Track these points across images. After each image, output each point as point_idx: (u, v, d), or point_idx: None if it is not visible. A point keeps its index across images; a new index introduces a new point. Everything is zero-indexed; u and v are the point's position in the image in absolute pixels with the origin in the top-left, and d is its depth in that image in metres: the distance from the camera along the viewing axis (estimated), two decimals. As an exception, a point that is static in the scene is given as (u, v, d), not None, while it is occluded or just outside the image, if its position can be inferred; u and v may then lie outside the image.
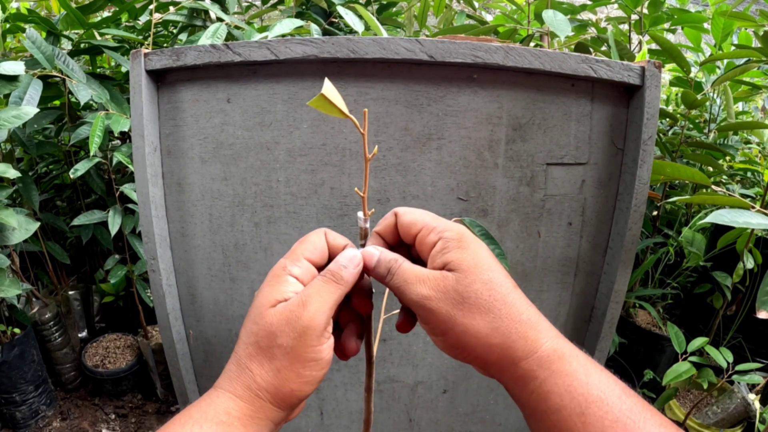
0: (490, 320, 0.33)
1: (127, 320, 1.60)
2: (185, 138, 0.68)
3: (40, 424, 1.37)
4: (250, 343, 0.34)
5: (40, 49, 1.03)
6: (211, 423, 0.32)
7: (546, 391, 0.32)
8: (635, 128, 0.66)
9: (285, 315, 0.34)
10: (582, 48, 1.22)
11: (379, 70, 0.64)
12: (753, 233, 1.04)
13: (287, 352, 0.33)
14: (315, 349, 0.34)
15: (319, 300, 0.34)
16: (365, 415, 0.48)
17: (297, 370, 0.33)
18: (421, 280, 0.34)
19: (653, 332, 1.43)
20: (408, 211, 0.38)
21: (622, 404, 0.30)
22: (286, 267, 0.36)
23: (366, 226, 0.40)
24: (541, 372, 0.32)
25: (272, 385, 0.33)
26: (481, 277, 0.33)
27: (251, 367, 0.34)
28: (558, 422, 0.31)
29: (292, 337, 0.33)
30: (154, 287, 0.70)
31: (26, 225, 1.06)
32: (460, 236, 0.35)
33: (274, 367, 0.33)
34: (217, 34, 0.97)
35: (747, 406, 1.19)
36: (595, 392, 0.31)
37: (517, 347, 0.33)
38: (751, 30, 1.20)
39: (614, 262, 0.71)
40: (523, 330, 0.33)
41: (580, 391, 0.31)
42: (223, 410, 0.33)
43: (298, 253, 0.37)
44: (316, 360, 0.34)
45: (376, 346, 0.47)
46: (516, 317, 0.33)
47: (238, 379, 0.34)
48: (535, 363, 0.32)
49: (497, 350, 0.33)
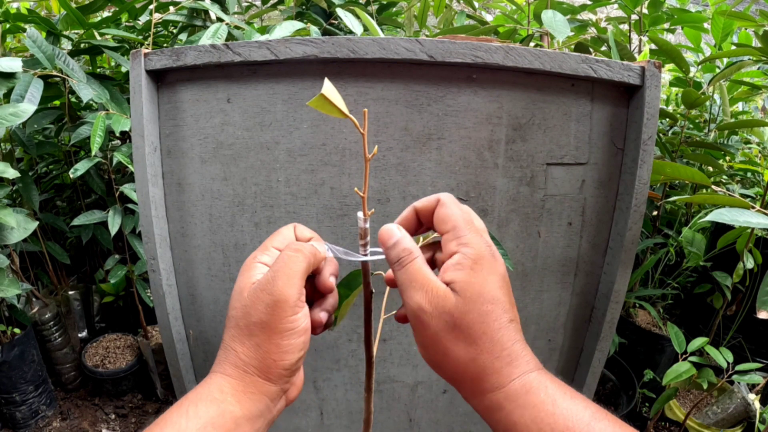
0: (472, 352, 0.33)
1: (127, 320, 1.60)
2: (185, 138, 0.68)
3: (40, 424, 1.37)
4: (231, 327, 0.37)
5: (41, 49, 1.03)
6: (206, 401, 0.34)
7: (512, 422, 0.33)
8: (635, 128, 0.66)
9: (256, 293, 0.36)
10: (582, 48, 1.22)
11: (379, 70, 0.64)
12: (753, 233, 1.04)
13: (263, 327, 0.35)
14: (289, 319, 0.35)
15: (287, 271, 0.35)
16: (365, 415, 0.48)
17: (276, 341, 0.35)
18: (423, 288, 0.34)
19: (653, 332, 1.43)
20: (448, 204, 0.38)
21: (590, 431, 0.31)
22: (256, 257, 0.38)
23: (366, 226, 0.39)
24: (507, 404, 0.33)
25: (255, 359, 0.35)
26: (479, 308, 0.33)
27: (234, 347, 0.36)
28: None
29: (266, 312, 0.35)
30: (154, 287, 0.70)
31: (25, 224, 1.06)
32: (477, 258, 0.34)
33: (254, 342, 0.35)
34: (217, 34, 0.97)
35: (747, 406, 1.19)
36: (562, 421, 0.31)
37: (490, 380, 0.33)
38: (751, 30, 1.20)
39: (614, 262, 0.71)
40: (499, 365, 0.33)
41: (547, 422, 0.31)
42: (217, 389, 0.35)
43: (267, 244, 0.39)
44: (292, 330, 0.35)
45: (376, 346, 0.47)
46: (497, 353, 0.33)
47: (225, 360, 0.36)
48: (503, 396, 0.33)
49: (469, 379, 0.34)
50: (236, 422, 0.34)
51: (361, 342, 0.75)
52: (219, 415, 0.33)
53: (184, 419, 0.33)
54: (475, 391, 0.34)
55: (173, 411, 0.34)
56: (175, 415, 0.33)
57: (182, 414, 0.33)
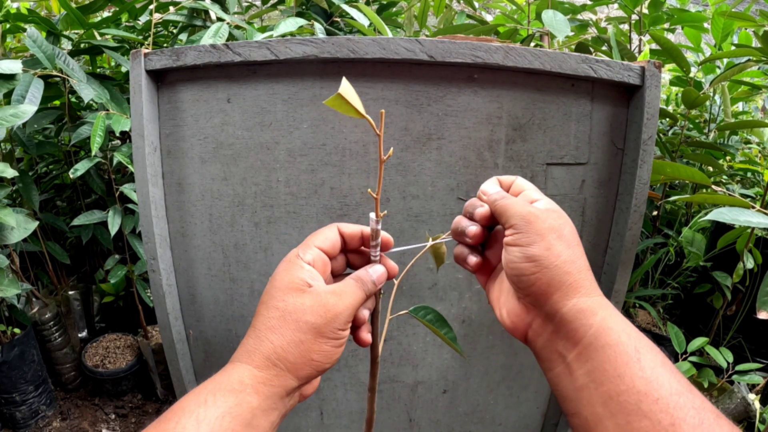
0: (572, 253, 0.38)
1: (127, 320, 1.60)
2: (185, 138, 0.68)
3: (40, 424, 1.37)
4: (273, 317, 0.37)
5: (41, 48, 1.03)
6: (225, 391, 0.34)
7: (607, 326, 0.35)
8: (635, 128, 0.66)
9: (318, 299, 0.37)
10: (582, 48, 1.22)
11: (379, 70, 0.64)
12: (753, 233, 1.04)
13: (313, 328, 0.37)
14: (338, 332, 0.38)
15: (352, 296, 0.39)
16: (368, 415, 0.48)
17: (320, 344, 0.37)
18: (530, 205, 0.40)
19: (653, 332, 1.43)
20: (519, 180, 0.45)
21: (665, 357, 0.34)
22: (298, 255, 0.40)
23: (378, 227, 0.40)
24: (601, 310, 0.36)
25: (292, 354, 0.36)
26: (570, 225, 0.40)
27: (271, 338, 0.36)
28: (615, 356, 0.33)
29: (324, 318, 0.37)
30: (154, 287, 0.70)
31: (25, 224, 1.06)
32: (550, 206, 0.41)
33: (297, 338, 0.36)
34: (218, 33, 0.97)
35: (747, 406, 1.19)
36: (646, 340, 0.35)
37: (585, 284, 0.37)
38: (751, 30, 1.20)
39: (614, 262, 0.71)
40: (590, 276, 0.38)
41: (634, 334, 0.34)
42: (237, 379, 0.35)
43: (309, 243, 0.41)
44: (336, 339, 0.38)
45: (380, 346, 0.47)
46: (586, 265, 0.39)
47: (256, 350, 0.36)
48: (596, 303, 0.36)
49: (569, 278, 0.37)
50: (253, 413, 0.34)
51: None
52: (237, 405, 0.34)
53: (202, 408, 0.33)
54: (572, 292, 0.37)
55: (190, 399, 0.34)
56: (192, 403, 0.33)
57: (200, 403, 0.33)
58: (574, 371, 0.35)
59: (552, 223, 0.38)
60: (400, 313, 0.50)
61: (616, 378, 0.32)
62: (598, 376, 0.33)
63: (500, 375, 0.80)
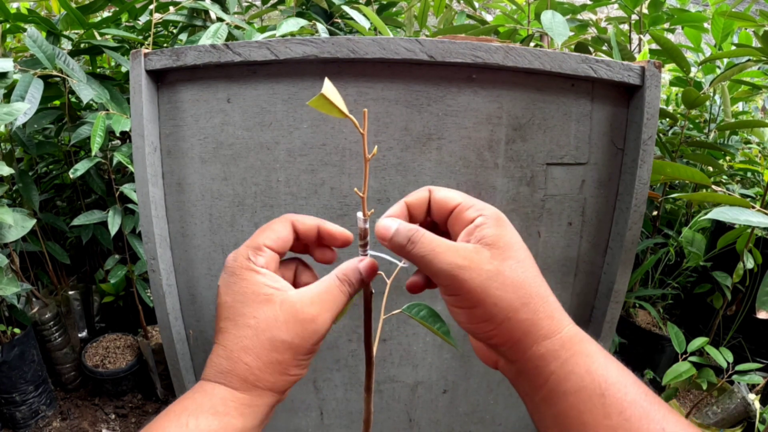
0: (522, 296, 0.33)
1: (127, 320, 1.60)
2: (185, 138, 0.68)
3: (40, 424, 1.37)
4: (245, 336, 0.34)
5: (41, 48, 1.03)
6: (207, 414, 0.32)
7: (567, 371, 0.32)
8: (635, 128, 0.66)
9: (293, 313, 0.34)
10: (582, 48, 1.22)
11: (379, 70, 0.64)
12: (753, 233, 1.04)
13: (290, 348, 0.34)
14: (317, 346, 0.35)
15: (332, 305, 0.35)
16: (365, 415, 0.48)
17: (298, 361, 0.35)
18: (452, 249, 0.33)
19: (653, 332, 1.43)
20: (442, 189, 0.38)
21: (638, 388, 0.31)
22: (249, 257, 0.36)
23: (366, 226, 0.39)
24: (563, 352, 0.32)
25: (272, 375, 0.34)
26: (516, 254, 0.34)
27: (246, 360, 0.34)
28: (577, 403, 0.31)
29: (300, 336, 0.34)
30: (154, 287, 0.70)
31: (22, 222, 1.06)
32: (498, 216, 0.35)
33: (274, 359, 0.34)
34: (217, 34, 0.97)
35: (747, 406, 1.19)
36: (615, 374, 0.31)
37: (543, 325, 0.33)
38: (751, 30, 1.20)
39: (614, 262, 0.71)
40: (550, 310, 0.33)
41: (601, 373, 0.31)
42: (220, 401, 0.33)
43: (259, 242, 0.36)
44: (317, 350, 0.36)
45: (375, 346, 0.47)
46: (544, 297, 0.33)
47: (232, 372, 0.34)
48: (558, 343, 0.32)
49: (524, 326, 0.33)
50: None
51: (361, 342, 0.75)
52: (221, 429, 0.32)
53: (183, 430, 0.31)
54: (529, 340, 0.33)
55: (170, 421, 0.32)
56: (173, 425, 0.31)
57: (181, 425, 0.31)
58: (542, 412, 0.33)
59: (490, 267, 0.33)
60: (393, 313, 0.50)
61: (581, 426, 0.31)
62: (562, 421, 0.31)
63: (500, 375, 0.80)
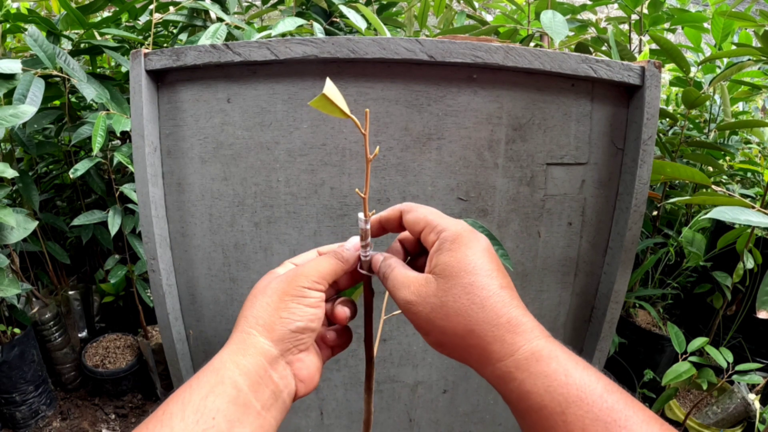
0: (466, 323, 0.34)
1: (127, 320, 1.60)
2: (185, 138, 0.68)
3: (40, 424, 1.37)
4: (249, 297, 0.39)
5: (42, 48, 1.03)
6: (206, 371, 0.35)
7: (525, 391, 0.32)
8: (635, 128, 0.66)
9: (287, 270, 0.40)
10: (582, 48, 1.22)
11: (379, 70, 0.64)
12: (753, 233, 1.04)
13: (279, 290, 0.38)
14: (303, 289, 0.38)
15: (320, 261, 0.39)
16: (365, 416, 0.48)
17: (286, 302, 0.37)
18: (405, 285, 0.37)
19: (653, 332, 1.43)
20: (413, 209, 0.40)
21: (603, 403, 0.30)
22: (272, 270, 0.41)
23: (367, 227, 0.40)
24: (518, 373, 0.33)
25: (265, 312, 0.37)
26: (461, 281, 0.34)
27: (247, 311, 0.38)
28: (539, 421, 0.31)
29: (286, 279, 0.38)
30: (154, 287, 0.70)
31: (24, 224, 1.06)
32: (455, 237, 0.36)
33: (265, 302, 0.38)
34: (217, 34, 0.97)
35: (747, 406, 1.19)
36: (575, 392, 0.31)
37: (494, 349, 0.33)
38: (751, 30, 1.20)
39: (614, 262, 0.71)
40: (500, 333, 0.33)
41: (560, 392, 0.31)
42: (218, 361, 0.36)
43: (285, 261, 0.42)
44: (303, 297, 0.37)
45: (376, 346, 0.47)
46: (494, 321, 0.34)
47: (237, 326, 0.38)
48: (512, 365, 0.33)
49: (475, 351, 0.34)
50: (237, 388, 0.34)
51: (361, 342, 0.75)
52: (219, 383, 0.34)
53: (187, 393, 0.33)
54: (483, 362, 0.34)
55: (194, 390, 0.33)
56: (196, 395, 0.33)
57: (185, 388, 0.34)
58: (518, 422, 0.34)
59: (434, 300, 0.35)
60: (394, 313, 0.50)
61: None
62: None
63: (500, 375, 0.80)
